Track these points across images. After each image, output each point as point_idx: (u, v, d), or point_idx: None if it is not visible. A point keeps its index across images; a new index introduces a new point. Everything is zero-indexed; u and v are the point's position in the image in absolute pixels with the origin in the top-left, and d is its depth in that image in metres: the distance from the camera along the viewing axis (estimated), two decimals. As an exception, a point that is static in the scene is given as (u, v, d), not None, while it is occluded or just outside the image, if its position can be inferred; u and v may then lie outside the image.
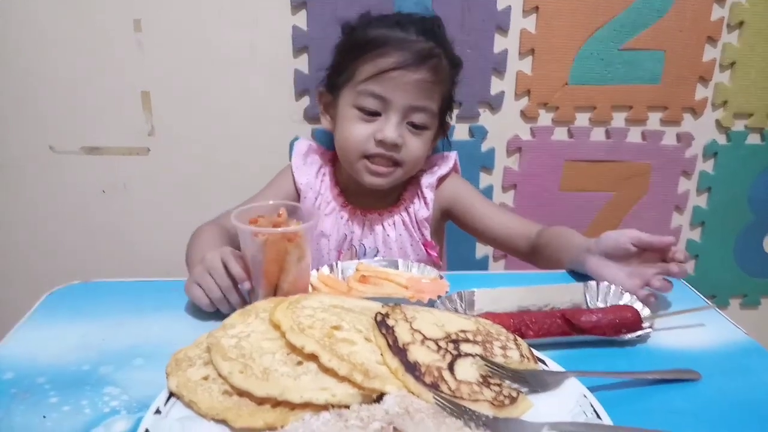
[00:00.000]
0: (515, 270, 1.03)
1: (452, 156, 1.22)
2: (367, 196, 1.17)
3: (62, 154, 1.31)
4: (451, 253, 1.39)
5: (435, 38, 1.08)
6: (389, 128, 1.05)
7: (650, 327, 0.78)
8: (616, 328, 0.76)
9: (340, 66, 1.12)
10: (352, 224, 1.18)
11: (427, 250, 1.19)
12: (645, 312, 0.80)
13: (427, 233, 1.18)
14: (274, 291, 0.78)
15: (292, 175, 1.19)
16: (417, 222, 1.18)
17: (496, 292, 0.84)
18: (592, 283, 0.86)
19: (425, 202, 1.17)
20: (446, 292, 0.83)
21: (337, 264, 0.92)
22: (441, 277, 0.88)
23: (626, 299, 0.83)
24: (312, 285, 0.85)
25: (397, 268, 0.92)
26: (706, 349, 0.76)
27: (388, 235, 1.17)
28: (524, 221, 1.16)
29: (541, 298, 0.84)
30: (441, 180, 1.19)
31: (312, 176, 1.19)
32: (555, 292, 0.85)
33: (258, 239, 0.74)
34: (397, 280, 0.87)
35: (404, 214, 1.18)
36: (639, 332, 0.77)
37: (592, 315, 0.77)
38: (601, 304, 0.84)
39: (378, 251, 1.17)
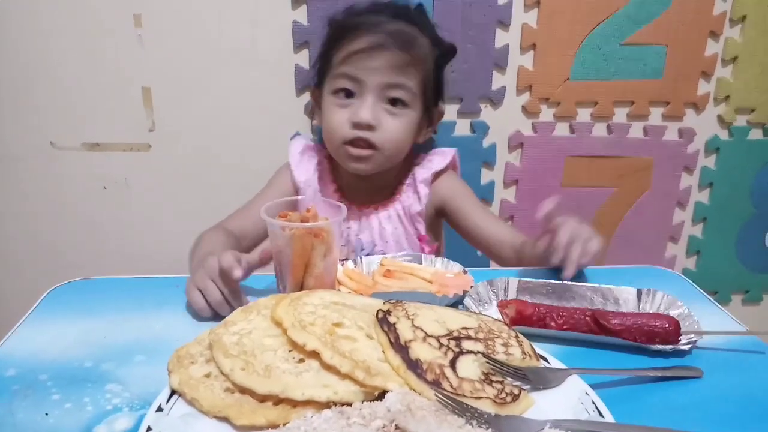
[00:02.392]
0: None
1: (450, 152, 1.21)
2: (363, 191, 1.18)
3: (63, 150, 1.30)
4: (453, 250, 1.39)
5: (409, 19, 1.09)
6: (363, 109, 1.05)
7: (690, 344, 0.73)
8: (648, 336, 0.73)
9: (322, 59, 1.13)
10: (348, 219, 1.17)
11: (421, 245, 1.19)
12: (688, 325, 0.76)
13: (422, 228, 1.18)
14: (301, 286, 0.79)
15: (291, 173, 1.20)
16: (410, 216, 1.18)
17: (542, 283, 0.86)
18: (646, 291, 0.83)
19: (419, 197, 1.17)
20: (471, 286, 0.83)
21: (361, 258, 0.93)
22: (465, 272, 0.88)
23: (677, 311, 0.79)
24: (338, 279, 0.86)
25: (420, 263, 0.93)
26: (709, 346, 0.76)
27: (384, 229, 1.17)
28: (512, 230, 1.16)
29: (587, 296, 0.84)
30: (436, 176, 1.19)
31: (311, 173, 1.19)
32: (605, 293, 0.84)
33: (285, 233, 0.75)
34: (422, 274, 0.88)
35: (399, 207, 1.18)
36: (674, 346, 0.72)
37: (625, 318, 0.74)
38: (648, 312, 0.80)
39: (375, 245, 1.17)
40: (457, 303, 0.81)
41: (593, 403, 0.59)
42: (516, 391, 0.59)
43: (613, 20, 1.29)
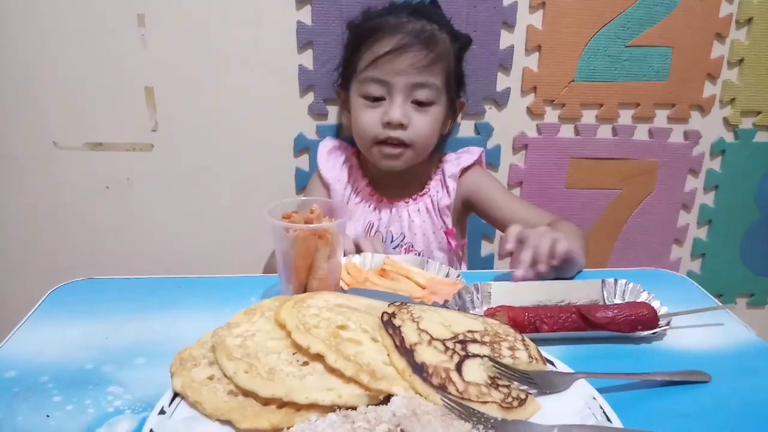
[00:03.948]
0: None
1: (477, 150, 1.25)
2: (394, 186, 1.22)
3: (66, 149, 1.30)
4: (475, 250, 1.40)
5: (427, 17, 1.12)
6: (394, 109, 1.09)
7: (667, 325, 0.78)
8: (632, 325, 0.76)
9: (346, 61, 1.17)
10: (379, 212, 1.22)
11: (448, 239, 1.21)
12: (662, 310, 0.80)
13: (449, 221, 1.22)
14: (304, 288, 0.78)
15: (320, 176, 1.24)
16: (439, 209, 1.21)
17: (513, 286, 0.85)
18: (610, 280, 0.86)
19: (447, 191, 1.21)
20: (453, 294, 0.82)
21: (368, 255, 0.94)
22: (459, 277, 0.88)
23: (644, 297, 0.83)
24: None
25: (423, 268, 0.92)
26: (716, 350, 0.75)
27: (413, 221, 1.21)
28: (542, 213, 1.18)
29: (557, 293, 0.85)
30: (464, 171, 1.22)
31: (338, 169, 1.23)
32: (572, 288, 0.86)
33: (289, 235, 0.74)
34: (416, 278, 0.87)
35: (428, 201, 1.22)
36: (656, 330, 0.77)
37: (608, 311, 0.77)
38: (618, 301, 0.85)
39: (404, 237, 1.21)
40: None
41: (600, 407, 0.58)
42: (522, 396, 0.58)
43: (618, 22, 1.29)
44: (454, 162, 1.23)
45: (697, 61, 1.34)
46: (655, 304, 0.80)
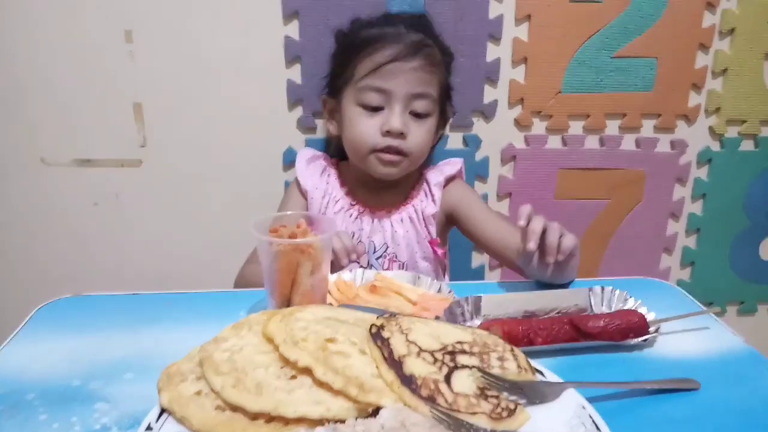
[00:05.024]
0: (513, 279, 1.02)
1: (459, 162, 1.26)
2: (375, 195, 1.21)
3: (54, 166, 1.29)
4: (456, 261, 1.39)
5: (424, 30, 1.14)
6: (394, 118, 1.09)
7: (656, 331, 0.78)
8: (624, 333, 0.77)
9: (339, 69, 1.17)
10: (361, 222, 1.20)
11: (433, 248, 1.21)
12: (650, 316, 0.80)
13: (434, 230, 1.21)
14: (288, 302, 0.77)
15: (297, 184, 1.22)
16: (424, 218, 1.20)
17: (502, 298, 0.86)
18: (597, 288, 0.87)
19: (433, 199, 1.21)
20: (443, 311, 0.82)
21: (359, 271, 0.94)
22: (451, 292, 0.88)
23: (630, 304, 0.84)
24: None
25: (414, 284, 0.91)
26: (705, 357, 0.76)
27: (396, 232, 1.20)
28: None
29: (547, 302, 0.85)
30: (448, 181, 1.23)
31: (316, 177, 1.22)
32: (560, 297, 0.86)
33: (272, 249, 0.74)
34: (408, 295, 0.87)
35: (411, 210, 1.21)
36: (646, 336, 0.77)
37: (599, 320, 0.77)
38: (605, 309, 0.85)
39: (387, 247, 1.20)
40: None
41: (590, 417, 0.58)
42: (512, 406, 0.58)
43: (603, 33, 1.30)
44: (437, 172, 1.23)
45: (682, 71, 1.35)
46: (643, 311, 0.81)
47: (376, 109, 1.11)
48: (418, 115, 1.12)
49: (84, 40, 1.22)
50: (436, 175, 1.22)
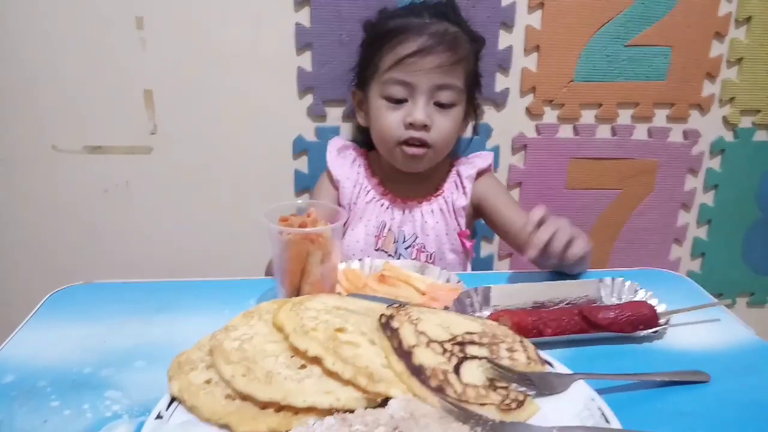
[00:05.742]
0: (521, 269, 1.02)
1: (490, 155, 1.25)
2: (406, 185, 1.21)
3: (64, 153, 1.30)
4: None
5: (449, 18, 1.12)
6: (417, 110, 1.08)
7: (666, 323, 0.78)
8: (634, 325, 0.76)
9: (365, 61, 1.17)
10: (392, 211, 1.21)
11: (462, 240, 1.21)
12: (660, 308, 0.80)
13: (463, 222, 1.21)
14: (297, 291, 0.78)
15: (329, 174, 1.23)
16: (454, 210, 1.20)
17: (512, 288, 0.85)
18: (607, 279, 0.86)
19: (464, 191, 1.20)
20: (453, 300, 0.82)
21: (367, 259, 0.94)
22: (460, 282, 0.87)
23: (641, 295, 0.83)
24: None
25: (422, 273, 0.91)
26: (715, 349, 0.75)
27: (426, 222, 1.20)
28: None
29: (556, 293, 0.84)
30: (480, 174, 1.22)
31: (347, 167, 1.23)
32: (570, 288, 0.86)
33: (282, 238, 0.74)
34: (416, 284, 0.87)
35: (442, 202, 1.21)
36: (656, 328, 0.77)
37: (610, 311, 0.77)
38: (615, 300, 0.85)
39: (417, 237, 1.20)
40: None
41: (599, 409, 0.58)
42: (521, 397, 0.58)
43: (617, 21, 1.29)
44: (468, 164, 1.23)
45: (697, 60, 1.34)
46: (653, 302, 0.80)
47: (399, 101, 1.10)
48: (442, 106, 1.10)
49: (95, 27, 1.22)
50: (468, 168, 1.21)
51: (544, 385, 0.61)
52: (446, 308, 0.78)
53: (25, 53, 1.22)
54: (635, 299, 0.83)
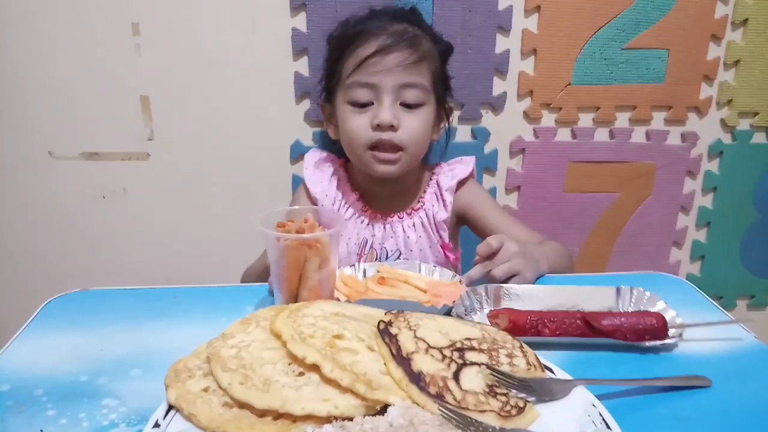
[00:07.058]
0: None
1: (471, 161, 1.23)
2: (386, 199, 1.20)
3: (61, 159, 1.29)
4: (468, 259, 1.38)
5: (408, 20, 1.12)
6: (383, 111, 1.07)
7: (678, 336, 0.76)
8: (639, 334, 0.74)
9: (330, 73, 1.16)
10: (372, 228, 1.19)
11: (445, 253, 1.20)
12: (676, 321, 0.78)
13: (446, 235, 1.19)
14: (295, 298, 0.77)
15: (306, 189, 1.21)
16: (435, 224, 1.19)
17: (524, 288, 0.85)
18: (625, 288, 0.84)
19: (444, 204, 1.19)
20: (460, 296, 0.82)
21: (358, 264, 0.93)
22: (461, 282, 0.87)
23: (660, 306, 0.81)
24: None
25: (419, 271, 0.92)
26: (717, 354, 0.75)
27: (408, 237, 1.18)
28: (531, 234, 1.16)
29: (569, 298, 0.83)
30: (460, 184, 1.21)
31: (325, 183, 1.21)
32: (585, 294, 0.84)
33: (279, 244, 0.74)
34: (416, 283, 0.87)
35: (423, 215, 1.19)
36: (666, 341, 0.75)
37: (615, 318, 0.76)
38: (631, 310, 0.82)
39: (400, 253, 1.19)
40: (446, 313, 0.80)
41: (600, 414, 0.57)
42: (521, 404, 0.58)
43: (614, 24, 1.28)
44: (448, 173, 1.21)
45: (694, 62, 1.33)
46: (669, 315, 0.78)
47: (365, 105, 1.09)
48: (409, 106, 1.09)
49: (91, 33, 1.21)
50: (447, 179, 1.20)
51: (545, 391, 0.61)
52: (453, 302, 0.79)
53: (21, 60, 1.22)
54: (653, 310, 0.80)
